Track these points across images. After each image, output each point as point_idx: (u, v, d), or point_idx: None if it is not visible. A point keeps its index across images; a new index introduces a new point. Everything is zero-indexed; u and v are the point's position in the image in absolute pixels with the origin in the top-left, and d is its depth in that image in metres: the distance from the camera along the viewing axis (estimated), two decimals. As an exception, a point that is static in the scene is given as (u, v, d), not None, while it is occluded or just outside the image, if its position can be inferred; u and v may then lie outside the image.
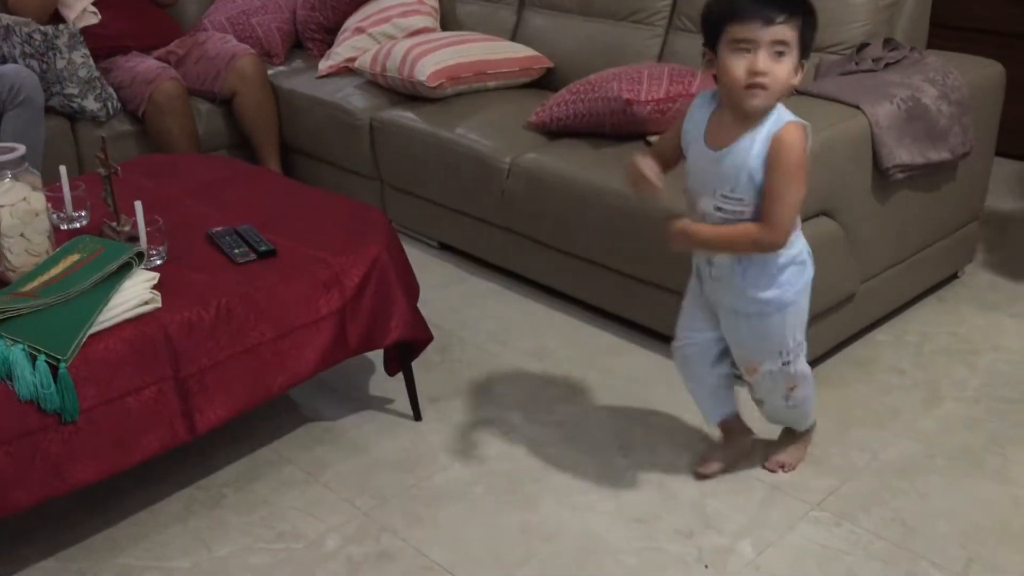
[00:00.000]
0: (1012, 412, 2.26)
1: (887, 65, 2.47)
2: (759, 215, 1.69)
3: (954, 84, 2.42)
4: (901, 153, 2.29)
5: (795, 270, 1.79)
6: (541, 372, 2.48)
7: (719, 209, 1.71)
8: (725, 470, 2.06)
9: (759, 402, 2.01)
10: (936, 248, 2.64)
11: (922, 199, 2.48)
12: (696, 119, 1.74)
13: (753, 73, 1.58)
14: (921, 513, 1.95)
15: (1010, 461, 2.09)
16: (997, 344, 2.53)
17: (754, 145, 1.64)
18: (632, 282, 2.52)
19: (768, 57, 1.58)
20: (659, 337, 2.55)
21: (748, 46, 1.58)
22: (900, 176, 2.31)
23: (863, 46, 2.56)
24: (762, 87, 1.59)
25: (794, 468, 2.06)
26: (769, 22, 1.56)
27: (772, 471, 2.06)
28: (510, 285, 2.92)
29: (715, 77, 1.67)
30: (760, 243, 1.70)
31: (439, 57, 3.11)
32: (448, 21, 3.60)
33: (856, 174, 2.28)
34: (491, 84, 3.19)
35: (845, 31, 2.59)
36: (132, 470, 1.85)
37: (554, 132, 2.83)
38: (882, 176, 2.31)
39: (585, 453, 2.17)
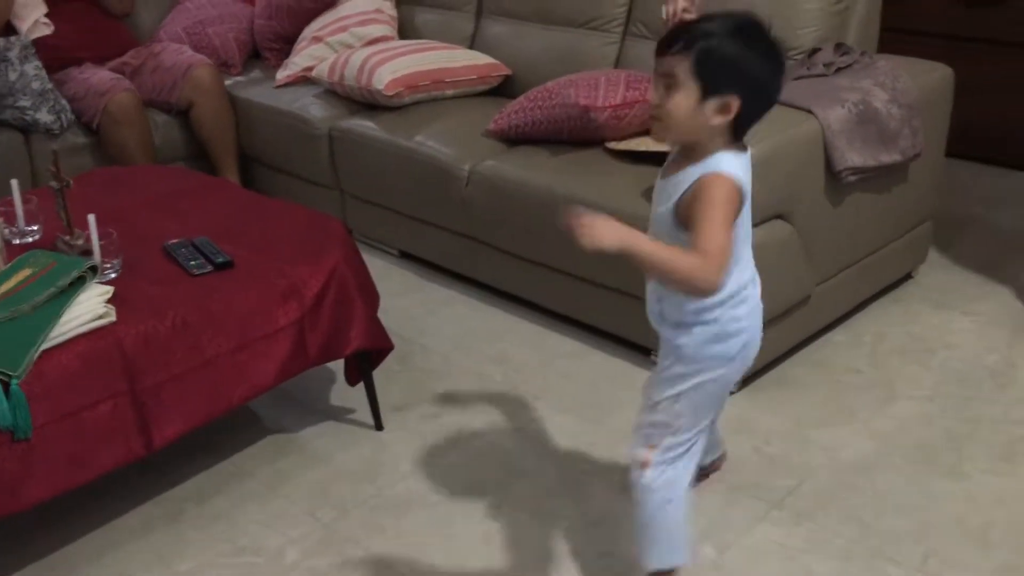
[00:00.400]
0: (966, 408, 2.30)
1: (838, 70, 2.50)
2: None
3: (904, 87, 2.46)
4: (853, 156, 2.32)
5: (710, 332, 1.58)
6: (502, 378, 2.49)
7: (647, 231, 1.60)
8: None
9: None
10: (889, 249, 2.68)
11: (875, 201, 2.52)
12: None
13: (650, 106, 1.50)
14: (879, 510, 1.98)
15: (964, 457, 2.13)
16: (950, 343, 2.58)
17: (684, 181, 1.51)
18: (592, 287, 2.53)
19: (660, 89, 1.47)
20: (619, 341, 2.57)
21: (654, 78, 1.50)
22: (852, 179, 2.35)
23: (815, 51, 2.60)
24: (655, 118, 1.50)
25: None
26: (660, 53, 1.47)
27: None
28: (471, 292, 2.92)
29: None
30: (694, 273, 1.43)
31: (397, 66, 3.11)
32: (406, 30, 3.60)
33: (809, 177, 2.32)
34: (449, 92, 3.19)
35: (797, 36, 2.62)
36: (89, 486, 1.83)
37: (512, 139, 2.84)
38: (835, 179, 2.34)
39: (546, 458, 2.17)
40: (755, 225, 2.23)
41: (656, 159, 2.52)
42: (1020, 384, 2.38)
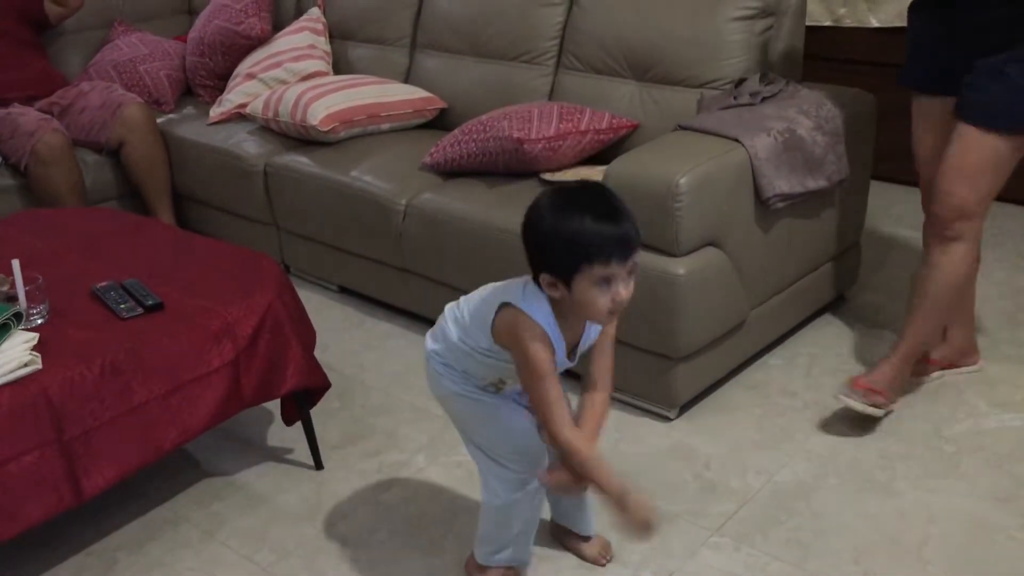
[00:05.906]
0: (898, 427, 2.34)
1: (764, 99, 2.56)
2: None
3: (828, 115, 2.52)
4: (780, 183, 2.37)
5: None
6: (443, 413, 2.46)
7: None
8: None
9: None
10: (820, 272, 2.74)
11: (804, 226, 2.57)
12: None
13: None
14: (816, 532, 2.00)
15: (897, 475, 2.17)
16: (882, 362, 2.63)
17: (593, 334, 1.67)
18: (530, 318, 2.54)
19: (628, 283, 1.53)
20: (559, 372, 2.57)
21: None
22: (781, 205, 2.39)
23: (741, 81, 2.65)
24: (620, 310, 1.56)
25: None
26: (625, 256, 1.50)
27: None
28: (410, 326, 2.91)
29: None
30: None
31: (331, 101, 3.11)
32: (340, 65, 3.61)
33: (739, 205, 2.35)
34: (385, 126, 3.20)
35: (723, 67, 2.68)
36: (19, 538, 1.77)
37: (448, 172, 2.85)
38: (763, 206, 2.38)
39: (489, 492, 2.16)
40: (688, 252, 2.28)
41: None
42: (950, 400, 2.44)
